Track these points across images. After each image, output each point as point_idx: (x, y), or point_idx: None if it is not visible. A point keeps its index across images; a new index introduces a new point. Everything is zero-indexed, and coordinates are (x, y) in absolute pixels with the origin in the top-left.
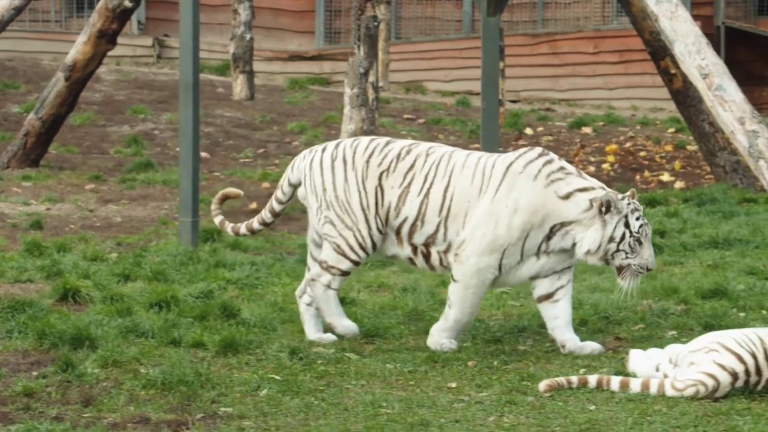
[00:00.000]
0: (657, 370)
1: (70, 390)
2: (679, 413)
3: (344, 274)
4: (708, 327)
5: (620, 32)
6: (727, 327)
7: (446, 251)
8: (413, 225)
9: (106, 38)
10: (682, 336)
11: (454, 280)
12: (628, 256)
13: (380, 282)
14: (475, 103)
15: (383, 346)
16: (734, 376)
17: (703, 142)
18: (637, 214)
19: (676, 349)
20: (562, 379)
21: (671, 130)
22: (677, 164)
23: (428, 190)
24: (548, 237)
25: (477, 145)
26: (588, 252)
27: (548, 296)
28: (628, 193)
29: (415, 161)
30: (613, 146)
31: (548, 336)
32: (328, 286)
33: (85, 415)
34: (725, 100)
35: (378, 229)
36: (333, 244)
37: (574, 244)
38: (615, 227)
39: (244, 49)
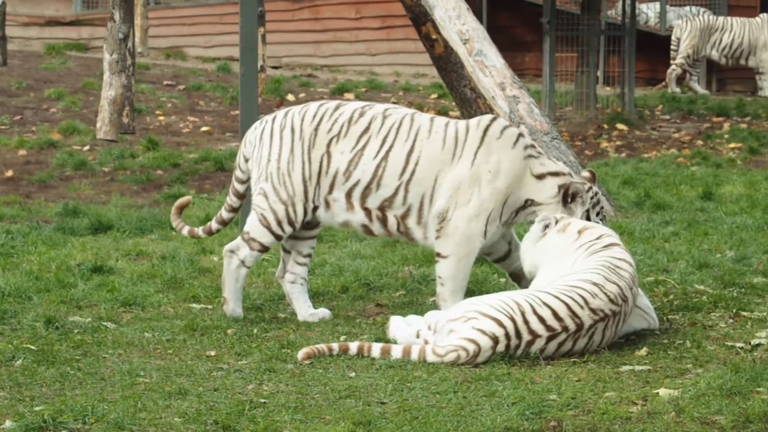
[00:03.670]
0: (418, 336)
1: None
2: (439, 379)
3: (263, 250)
4: (469, 292)
5: None
6: (487, 292)
7: (404, 216)
8: (367, 188)
9: None
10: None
11: (442, 257)
12: None
13: (139, 250)
14: (236, 69)
15: (141, 314)
16: (495, 339)
17: (465, 108)
18: (597, 208)
19: (435, 316)
20: (322, 346)
21: (434, 96)
22: None
23: (387, 153)
24: (522, 208)
25: (237, 112)
26: None
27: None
28: (587, 174)
29: (370, 123)
30: None
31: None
32: (243, 263)
33: None
34: (486, 65)
35: (314, 200)
36: (260, 216)
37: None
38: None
39: None
